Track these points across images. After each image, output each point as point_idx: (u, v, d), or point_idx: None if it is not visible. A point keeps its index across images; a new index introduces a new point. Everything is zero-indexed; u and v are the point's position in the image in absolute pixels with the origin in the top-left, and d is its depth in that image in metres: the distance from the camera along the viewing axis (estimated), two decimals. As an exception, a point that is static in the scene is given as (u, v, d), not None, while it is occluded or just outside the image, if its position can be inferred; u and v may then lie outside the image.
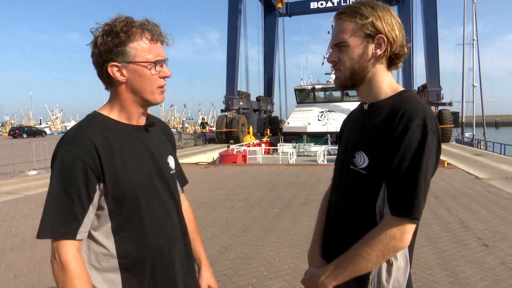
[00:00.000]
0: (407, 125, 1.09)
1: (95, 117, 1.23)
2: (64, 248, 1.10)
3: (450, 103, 24.93)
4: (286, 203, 7.19)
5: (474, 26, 30.06)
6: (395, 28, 1.18)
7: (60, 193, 1.11)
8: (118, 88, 1.21)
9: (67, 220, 1.11)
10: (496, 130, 64.46)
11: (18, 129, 47.76)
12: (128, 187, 1.17)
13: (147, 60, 1.19)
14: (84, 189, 1.11)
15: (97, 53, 1.17)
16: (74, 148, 1.12)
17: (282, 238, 5.00)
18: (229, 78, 27.02)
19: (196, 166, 13.98)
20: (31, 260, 4.37)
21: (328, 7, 34.28)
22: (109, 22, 1.18)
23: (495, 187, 8.33)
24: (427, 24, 24.67)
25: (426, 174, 1.08)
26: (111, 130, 1.20)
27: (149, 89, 1.22)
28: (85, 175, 1.11)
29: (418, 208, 1.07)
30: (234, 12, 27.33)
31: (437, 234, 5.01)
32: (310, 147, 20.95)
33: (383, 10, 1.18)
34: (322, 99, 26.84)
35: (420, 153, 1.07)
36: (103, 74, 1.20)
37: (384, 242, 1.10)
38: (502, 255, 4.23)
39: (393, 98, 1.20)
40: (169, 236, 1.29)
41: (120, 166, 1.16)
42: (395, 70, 1.27)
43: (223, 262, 4.21)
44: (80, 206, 1.11)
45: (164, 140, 1.40)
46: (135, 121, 1.27)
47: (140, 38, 1.18)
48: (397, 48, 1.19)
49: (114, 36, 1.15)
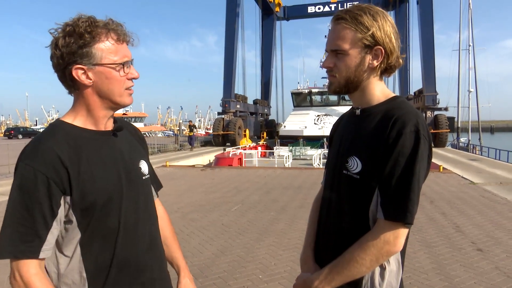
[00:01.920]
0: (400, 131, 1.10)
1: (58, 126, 1.16)
2: (25, 267, 1.04)
3: (446, 108, 25.03)
4: (282, 206, 7.19)
5: (470, 32, 30.37)
6: (392, 39, 1.17)
7: (20, 210, 1.04)
8: (83, 91, 1.15)
9: (28, 238, 1.04)
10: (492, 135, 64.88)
11: (13, 129, 47.45)
12: (97, 198, 1.11)
13: (114, 62, 1.14)
14: (47, 205, 1.04)
15: (59, 55, 1.10)
16: (35, 161, 1.05)
17: (278, 241, 5.00)
18: (227, 81, 26.99)
19: (192, 168, 13.96)
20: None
21: (326, 11, 34.39)
22: (70, 22, 1.11)
23: (489, 192, 8.38)
24: (424, 29, 24.80)
25: (419, 179, 1.10)
26: (77, 138, 1.13)
27: (117, 92, 1.16)
28: (48, 189, 1.04)
29: (411, 213, 1.08)
30: (232, 15, 27.36)
31: (432, 239, 5.03)
32: (306, 150, 20.98)
33: (383, 19, 1.16)
34: (318, 103, 26.93)
35: (413, 158, 1.09)
36: (66, 78, 1.13)
37: (378, 247, 1.11)
38: (496, 260, 4.25)
39: (386, 104, 1.21)
40: (143, 245, 1.24)
41: (88, 176, 1.10)
42: (387, 77, 1.29)
43: (219, 265, 4.20)
44: (43, 223, 1.04)
45: (135, 144, 1.34)
46: (103, 126, 1.21)
47: (105, 38, 1.13)
48: (393, 60, 1.20)
49: (77, 37, 1.09)
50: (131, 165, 1.24)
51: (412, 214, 1.09)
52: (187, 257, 4.38)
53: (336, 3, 33.94)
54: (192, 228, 5.73)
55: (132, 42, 1.20)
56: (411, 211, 1.08)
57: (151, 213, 1.32)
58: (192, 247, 4.77)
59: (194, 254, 4.53)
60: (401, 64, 1.25)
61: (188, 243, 4.94)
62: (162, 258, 1.36)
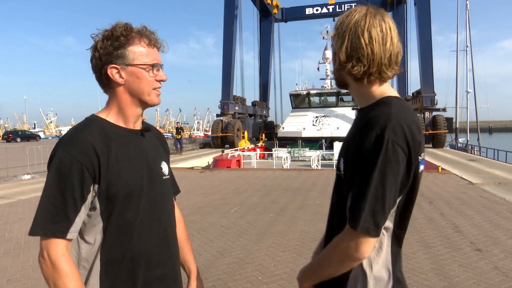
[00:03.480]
0: (365, 135, 1.07)
1: (93, 120, 1.26)
2: (54, 246, 1.12)
3: (444, 109, 25.10)
4: (281, 207, 7.20)
5: (467, 33, 30.47)
6: (360, 48, 1.14)
7: (55, 192, 1.13)
8: (116, 90, 1.25)
9: (59, 218, 1.12)
10: (490, 136, 65.02)
11: (12, 133, 47.36)
12: (120, 190, 1.19)
13: (145, 63, 1.24)
14: (78, 189, 1.13)
15: (97, 56, 1.21)
16: (72, 149, 1.14)
17: (277, 243, 5.01)
18: (225, 83, 27.03)
19: (191, 170, 13.96)
20: (24, 265, 4.34)
21: (324, 13, 34.52)
22: (109, 28, 1.23)
23: (488, 192, 8.39)
24: (421, 30, 24.91)
25: (384, 187, 1.03)
26: (109, 133, 1.22)
27: (146, 91, 1.26)
28: (81, 175, 1.13)
29: (368, 223, 1.02)
30: (230, 17, 27.41)
31: (431, 239, 5.04)
32: (304, 152, 21.00)
33: (353, 33, 1.14)
34: (317, 104, 26.97)
35: (372, 166, 1.03)
36: (102, 77, 1.24)
37: (340, 250, 1.10)
38: (495, 260, 4.26)
39: (372, 105, 1.17)
40: (157, 241, 1.29)
41: (115, 169, 1.18)
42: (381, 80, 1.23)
43: (218, 267, 4.20)
44: (73, 206, 1.13)
45: (158, 146, 1.42)
46: (132, 124, 1.30)
47: (138, 42, 1.24)
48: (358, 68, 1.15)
49: (114, 40, 1.20)
50: (153, 164, 1.33)
51: (369, 224, 1.02)
52: (186, 259, 4.38)
53: (334, 4, 34.08)
54: (191, 230, 5.73)
55: (162, 48, 1.32)
56: (368, 221, 1.02)
57: (169, 212, 1.38)
58: (191, 249, 4.77)
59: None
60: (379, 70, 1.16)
61: (188, 245, 4.93)
62: (176, 257, 1.41)
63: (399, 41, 1.17)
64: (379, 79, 1.17)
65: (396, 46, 1.15)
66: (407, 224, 1.21)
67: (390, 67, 1.16)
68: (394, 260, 1.19)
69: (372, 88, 1.19)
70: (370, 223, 1.03)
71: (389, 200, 1.06)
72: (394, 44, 1.14)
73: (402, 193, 1.12)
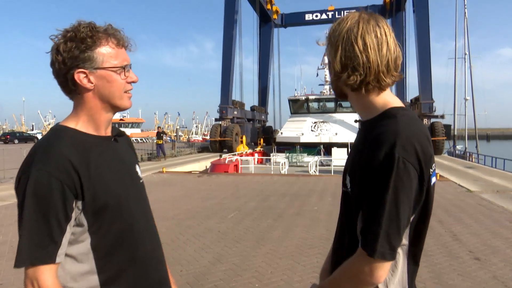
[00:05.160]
0: (373, 154, 1.01)
1: (62, 130, 1.15)
2: (42, 274, 1.03)
3: (442, 116, 25.17)
4: (279, 213, 7.15)
5: (466, 40, 30.56)
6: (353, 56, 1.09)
7: (36, 217, 1.02)
8: (85, 95, 1.16)
9: (45, 243, 1.03)
10: (487, 143, 65.13)
11: (9, 134, 47.10)
12: (108, 200, 1.13)
13: (115, 66, 1.17)
14: (62, 209, 1.04)
15: (61, 60, 1.11)
16: (48, 166, 1.04)
17: (274, 249, 4.96)
18: (224, 88, 27.04)
19: (189, 174, 13.91)
20: (19, 269, 4.28)
21: (323, 19, 34.65)
22: (70, 28, 1.14)
23: (486, 200, 8.38)
24: (420, 37, 25.01)
25: (398, 207, 0.98)
26: (82, 143, 1.13)
27: (118, 95, 1.20)
28: (63, 194, 1.04)
29: (384, 247, 0.97)
30: (230, 22, 27.49)
31: (429, 247, 5.00)
32: (303, 157, 20.96)
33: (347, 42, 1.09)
34: (315, 110, 26.97)
35: (385, 186, 0.98)
36: (67, 83, 1.14)
37: (353, 275, 1.05)
38: (494, 269, 4.23)
39: (376, 118, 1.11)
40: (150, 246, 1.27)
41: (98, 180, 1.11)
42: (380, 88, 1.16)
43: (215, 273, 4.15)
44: (58, 228, 1.04)
45: (129, 149, 1.38)
46: (104, 131, 1.23)
47: (106, 43, 1.16)
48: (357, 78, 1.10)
49: (79, 42, 1.11)
50: (131, 169, 1.29)
51: (385, 248, 0.97)
52: (182, 265, 4.34)
53: (334, 11, 34.23)
54: (188, 235, 5.69)
55: (130, 47, 1.24)
56: (383, 245, 0.97)
57: (151, 215, 1.36)
58: (188, 255, 4.72)
59: (189, 261, 4.48)
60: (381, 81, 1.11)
61: (184, 251, 4.89)
62: (164, 259, 1.39)
63: (397, 46, 1.10)
64: (378, 87, 1.10)
65: (394, 51, 1.09)
66: (423, 240, 1.14)
67: (388, 74, 1.09)
68: (411, 278, 1.13)
69: (372, 97, 1.12)
70: (386, 248, 0.98)
71: (404, 220, 1.00)
72: (391, 50, 1.08)
73: (415, 210, 1.06)
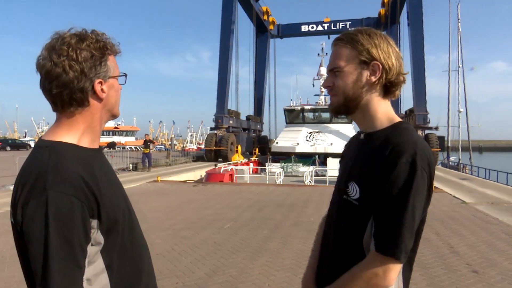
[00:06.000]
0: (395, 161, 1.07)
1: (59, 146, 1.05)
2: None
3: (437, 128, 25.38)
4: (276, 224, 7.10)
5: (459, 53, 30.97)
6: (391, 56, 1.18)
7: (60, 244, 0.92)
8: (93, 107, 1.09)
9: (70, 270, 0.94)
10: (480, 155, 65.69)
11: (1, 141, 46.63)
12: (117, 215, 1.08)
13: (119, 74, 1.14)
14: (82, 231, 0.96)
15: (80, 69, 1.03)
16: (65, 187, 0.95)
17: (271, 261, 4.91)
18: (220, 97, 27.08)
19: (184, 184, 13.81)
20: (9, 280, 4.18)
21: (319, 30, 35.03)
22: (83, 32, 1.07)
23: (481, 212, 8.39)
24: (414, 50, 25.30)
25: (414, 213, 1.06)
26: (83, 158, 1.05)
27: (118, 103, 1.17)
28: (82, 214, 0.96)
29: (401, 249, 1.05)
30: (226, 32, 27.66)
31: (427, 260, 4.98)
32: (298, 167, 20.96)
33: (380, 38, 1.19)
34: (311, 120, 27.06)
35: (407, 192, 1.05)
36: (76, 94, 1.04)
37: (366, 279, 1.08)
38: (492, 282, 4.21)
39: (387, 130, 1.18)
40: (148, 257, 1.24)
41: (106, 196, 1.04)
42: (393, 98, 1.26)
43: (211, 285, 4.08)
44: (81, 251, 0.96)
45: None
46: (97, 143, 1.15)
47: (110, 51, 1.12)
48: (392, 76, 1.19)
49: (98, 49, 1.07)
50: (118, 180, 1.23)
51: (402, 250, 1.05)
52: (178, 277, 4.26)
53: (329, 22, 34.62)
54: (183, 246, 5.61)
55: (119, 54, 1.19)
56: (401, 247, 1.04)
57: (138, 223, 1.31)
58: (183, 266, 4.65)
59: (185, 273, 4.40)
60: (403, 82, 1.23)
61: (180, 262, 4.81)
62: None
63: None
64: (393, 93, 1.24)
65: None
66: (417, 245, 1.19)
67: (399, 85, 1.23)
68: (406, 284, 1.17)
69: (380, 107, 1.21)
70: (402, 250, 1.05)
71: (416, 225, 1.08)
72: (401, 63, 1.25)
73: (422, 216, 1.13)
